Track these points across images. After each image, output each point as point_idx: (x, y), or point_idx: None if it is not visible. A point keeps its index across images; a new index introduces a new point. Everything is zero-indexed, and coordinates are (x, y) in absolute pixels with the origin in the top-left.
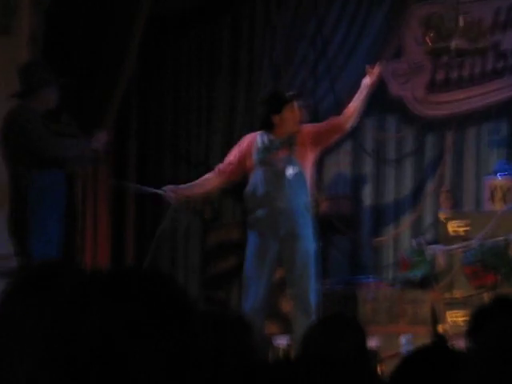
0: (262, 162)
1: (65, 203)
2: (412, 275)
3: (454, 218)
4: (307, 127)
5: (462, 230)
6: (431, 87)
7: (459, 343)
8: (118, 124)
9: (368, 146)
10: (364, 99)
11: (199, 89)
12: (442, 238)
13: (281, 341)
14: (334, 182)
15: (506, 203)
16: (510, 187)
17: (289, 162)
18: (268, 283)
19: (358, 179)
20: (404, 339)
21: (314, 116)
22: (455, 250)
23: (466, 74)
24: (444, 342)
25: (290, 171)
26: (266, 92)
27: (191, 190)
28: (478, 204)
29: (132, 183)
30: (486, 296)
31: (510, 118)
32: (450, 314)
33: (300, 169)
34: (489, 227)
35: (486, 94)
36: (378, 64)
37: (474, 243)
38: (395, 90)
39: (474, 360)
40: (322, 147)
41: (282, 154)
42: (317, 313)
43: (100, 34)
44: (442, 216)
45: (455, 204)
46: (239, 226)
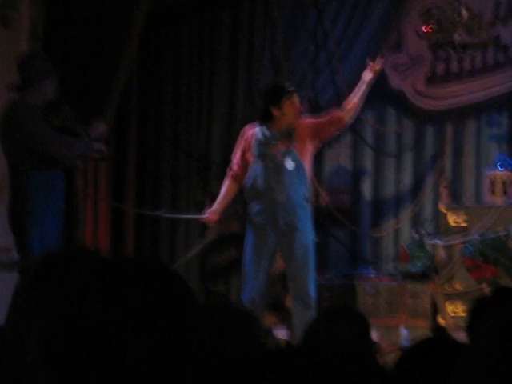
0: (261, 155)
1: (64, 197)
2: (412, 268)
3: (454, 211)
4: (307, 120)
5: (462, 223)
6: (431, 80)
7: (459, 335)
8: (117, 116)
9: (368, 139)
10: (364, 93)
11: (199, 81)
12: (442, 230)
13: (281, 332)
14: (334, 174)
15: (506, 196)
16: (510, 180)
17: (288, 155)
18: (266, 275)
19: (358, 172)
20: (404, 331)
21: (315, 108)
22: (455, 242)
23: (466, 66)
24: (444, 333)
25: (289, 164)
26: (266, 84)
27: (223, 205)
28: (478, 196)
29: (168, 212)
30: (486, 288)
31: (511, 111)
32: (450, 306)
33: (299, 161)
34: (489, 220)
35: (487, 86)
36: (379, 59)
37: (474, 236)
38: (395, 82)
39: (474, 351)
40: (322, 140)
41: (281, 146)
42: (316, 305)
43: (100, 26)
44: (442, 208)
45: (455, 196)
46: (239, 219)
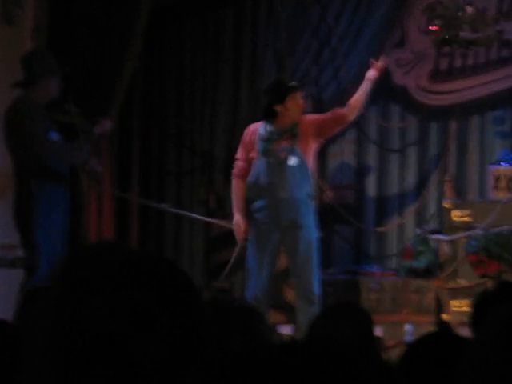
0: (264, 152)
1: (69, 195)
2: (416, 264)
3: (458, 207)
4: (310, 117)
5: (466, 219)
6: (435, 76)
7: (463, 331)
8: (121, 114)
9: (372, 135)
10: (367, 91)
11: (203, 78)
12: (446, 226)
13: (285, 330)
14: (338, 171)
15: (510, 192)
16: None
17: (291, 152)
18: (270, 272)
19: (362, 168)
20: (408, 328)
21: (318, 104)
22: (459, 238)
23: (469, 62)
24: (448, 330)
25: (293, 161)
26: (270, 81)
27: (242, 208)
28: (482, 193)
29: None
30: (490, 284)
31: None
32: (454, 302)
33: (302, 158)
34: (493, 216)
35: (490, 82)
36: (383, 57)
37: (478, 232)
38: (399, 78)
39: (478, 345)
40: (325, 138)
41: (284, 143)
42: (320, 301)
43: (104, 24)
44: (446, 205)
45: (459, 193)
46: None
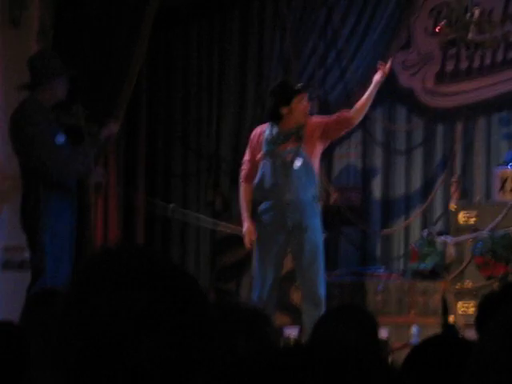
0: (270, 154)
1: (76, 197)
2: (422, 266)
3: (464, 209)
4: (316, 119)
5: (473, 221)
6: (441, 77)
7: (470, 333)
8: (127, 116)
9: (378, 137)
10: (373, 94)
11: (209, 80)
12: (452, 228)
13: (291, 332)
14: (344, 172)
15: None
16: None
17: (297, 154)
18: (275, 274)
19: (368, 170)
20: (414, 330)
21: (324, 106)
22: (465, 240)
23: (476, 64)
24: (454, 332)
25: (298, 163)
26: (275, 83)
27: (250, 211)
28: (488, 194)
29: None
30: (497, 286)
31: None
32: (460, 304)
33: (308, 160)
34: (499, 218)
35: (496, 84)
36: (389, 60)
37: (484, 234)
38: (405, 80)
39: (483, 347)
40: (330, 140)
41: (290, 145)
42: (326, 303)
43: (110, 26)
44: (453, 207)
45: (465, 195)
46: None
